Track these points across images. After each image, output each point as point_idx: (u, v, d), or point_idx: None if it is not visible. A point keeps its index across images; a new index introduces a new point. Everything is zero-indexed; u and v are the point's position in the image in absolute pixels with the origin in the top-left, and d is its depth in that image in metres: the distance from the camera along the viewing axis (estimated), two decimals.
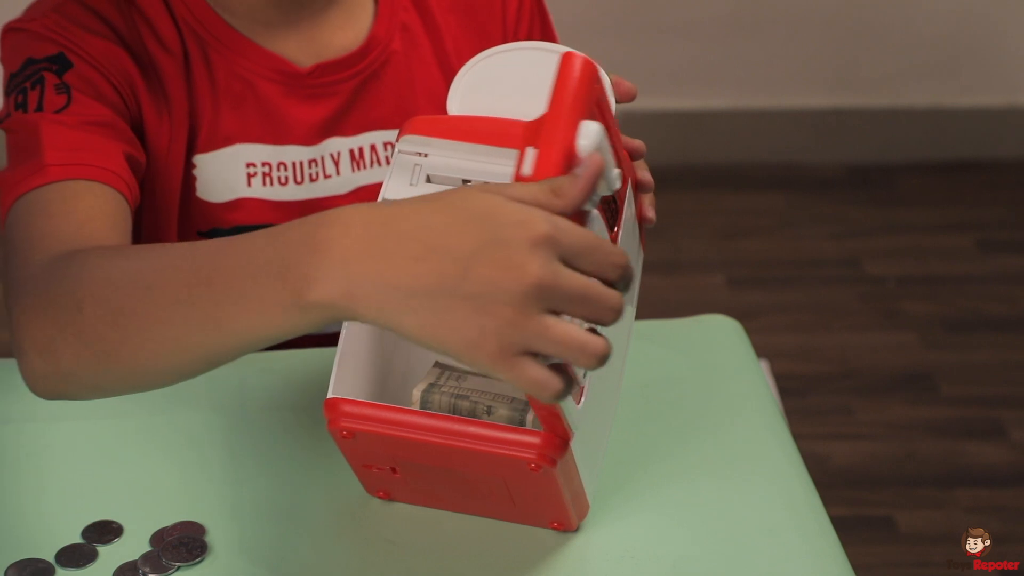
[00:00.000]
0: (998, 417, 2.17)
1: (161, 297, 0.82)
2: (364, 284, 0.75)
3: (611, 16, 2.64)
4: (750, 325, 1.21)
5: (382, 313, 0.75)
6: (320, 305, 0.76)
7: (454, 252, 0.75)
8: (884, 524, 1.99)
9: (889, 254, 2.54)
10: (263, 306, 0.78)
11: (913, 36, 2.70)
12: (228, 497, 0.98)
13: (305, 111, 1.13)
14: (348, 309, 0.76)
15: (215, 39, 1.11)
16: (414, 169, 0.95)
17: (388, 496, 0.97)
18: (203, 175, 1.12)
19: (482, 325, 0.74)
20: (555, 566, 0.94)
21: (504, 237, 0.74)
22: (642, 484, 0.99)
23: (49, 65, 1.06)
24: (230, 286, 0.79)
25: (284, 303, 0.77)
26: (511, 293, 0.74)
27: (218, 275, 0.80)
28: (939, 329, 2.36)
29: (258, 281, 0.78)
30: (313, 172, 1.15)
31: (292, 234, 0.78)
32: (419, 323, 0.75)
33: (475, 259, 0.74)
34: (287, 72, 1.13)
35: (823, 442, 2.11)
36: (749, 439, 1.04)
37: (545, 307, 0.74)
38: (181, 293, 0.81)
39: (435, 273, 0.74)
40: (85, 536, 0.95)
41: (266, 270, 0.78)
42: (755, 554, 0.94)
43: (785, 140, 2.74)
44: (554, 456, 0.86)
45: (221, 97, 1.12)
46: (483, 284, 0.74)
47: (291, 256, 0.77)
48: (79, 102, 1.05)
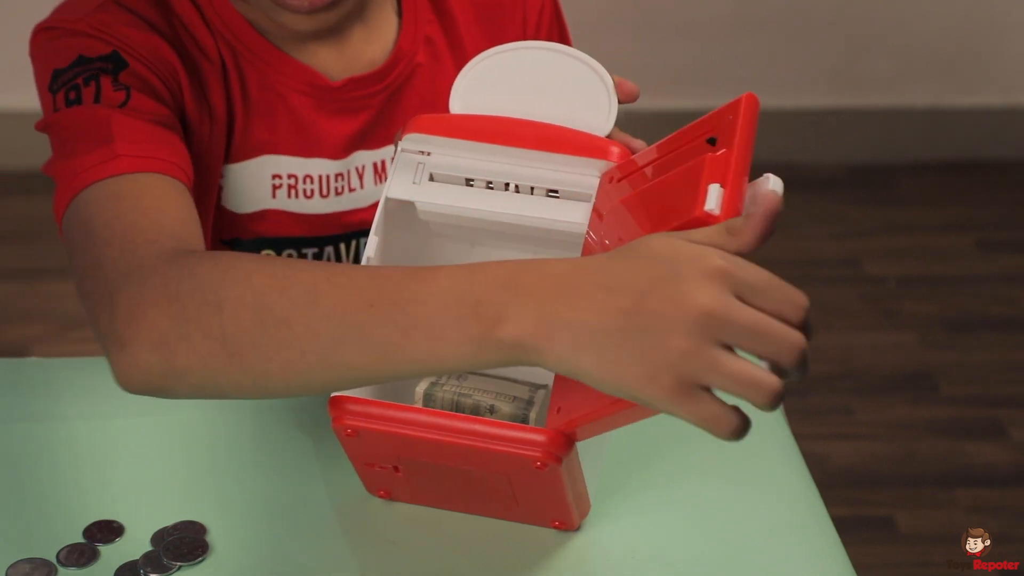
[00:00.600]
0: (998, 417, 2.17)
1: (332, 312, 0.82)
2: (552, 323, 0.77)
3: (613, 16, 2.65)
4: None
5: (564, 353, 0.77)
6: (509, 343, 0.78)
7: (631, 289, 0.76)
8: (884, 524, 1.99)
9: (889, 254, 2.54)
10: (450, 337, 0.79)
11: (913, 36, 2.70)
12: (229, 497, 0.98)
13: (335, 125, 1.13)
14: (533, 349, 0.78)
15: (248, 50, 1.11)
16: (417, 167, 0.95)
17: (389, 495, 0.97)
18: (229, 184, 1.12)
19: (655, 359, 0.75)
20: (557, 566, 0.94)
21: (679, 272, 0.75)
22: (643, 484, 0.99)
23: (104, 64, 1.04)
24: (415, 315, 0.80)
25: (474, 337, 0.79)
26: (680, 323, 0.74)
27: (402, 300, 0.81)
28: (939, 329, 2.36)
29: (450, 311, 0.79)
30: (339, 186, 1.15)
31: (491, 273, 0.80)
32: (598, 360, 0.76)
33: (650, 294, 0.75)
34: (319, 85, 1.12)
35: (823, 442, 2.12)
36: (749, 439, 1.03)
37: (717, 339, 0.74)
38: (359, 314, 0.81)
39: (613, 310, 0.76)
40: (86, 535, 0.95)
41: (460, 302, 0.79)
42: (756, 554, 0.95)
43: (785, 140, 2.74)
44: (560, 454, 0.86)
45: (252, 108, 1.11)
46: (655, 318, 0.75)
47: (489, 294, 0.79)
48: (138, 99, 1.03)
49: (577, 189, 0.94)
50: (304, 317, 0.82)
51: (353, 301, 0.81)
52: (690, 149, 0.86)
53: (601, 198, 0.92)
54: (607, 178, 0.93)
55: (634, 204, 0.88)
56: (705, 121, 0.87)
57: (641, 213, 0.87)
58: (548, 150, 0.94)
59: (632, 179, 0.91)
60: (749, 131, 0.83)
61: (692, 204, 0.81)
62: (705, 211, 0.80)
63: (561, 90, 0.96)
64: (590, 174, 0.94)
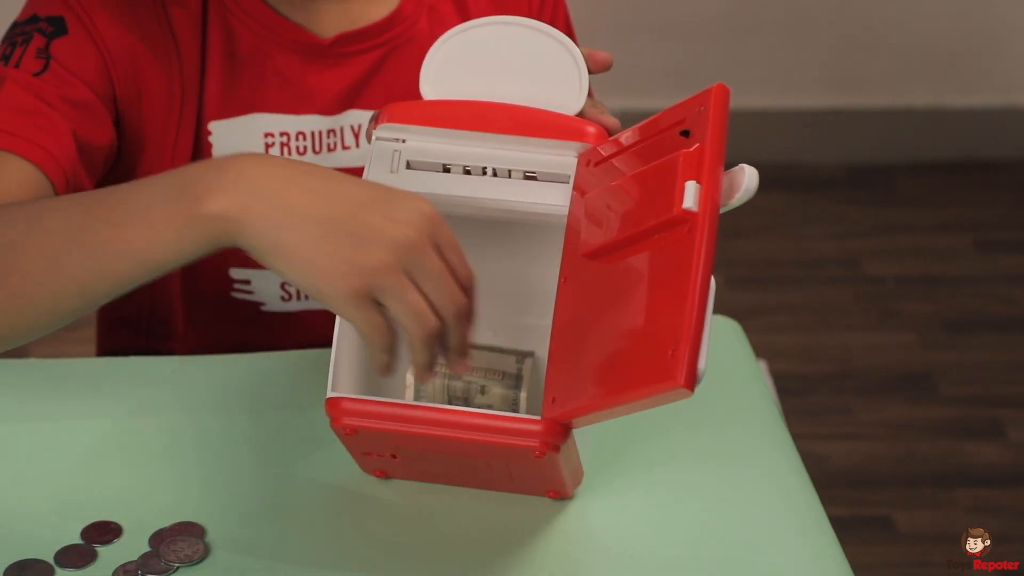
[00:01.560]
0: (997, 417, 2.17)
1: (52, 224, 0.87)
2: (261, 200, 0.83)
3: (609, 15, 2.65)
4: (749, 325, 1.21)
5: (267, 229, 0.82)
6: (213, 216, 0.83)
7: (350, 197, 0.84)
8: (883, 524, 1.99)
9: (888, 254, 2.54)
10: (159, 220, 0.84)
11: (912, 36, 2.70)
12: (227, 498, 0.98)
13: (325, 80, 1.13)
14: (239, 222, 0.83)
15: (239, 7, 1.11)
16: (393, 156, 0.95)
17: (384, 475, 0.98)
18: (219, 143, 1.12)
19: (353, 261, 0.82)
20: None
21: (398, 200, 0.84)
22: (640, 485, 0.99)
23: (46, 27, 1.06)
24: (126, 207, 0.85)
25: (181, 214, 0.83)
26: (388, 239, 0.82)
27: (116, 200, 0.86)
28: (938, 329, 2.36)
29: (156, 199, 0.84)
30: (331, 142, 1.15)
31: (201, 162, 0.86)
32: (298, 244, 0.82)
33: (366, 206, 0.83)
34: (308, 43, 1.13)
35: (822, 442, 2.12)
36: (748, 439, 1.04)
37: (407, 269, 0.83)
38: (75, 220, 0.86)
39: (328, 206, 0.83)
40: (84, 536, 0.95)
41: (170, 187, 0.84)
42: (754, 554, 0.95)
43: (784, 140, 2.74)
44: (557, 443, 0.87)
45: (240, 65, 1.12)
46: (365, 227, 0.82)
47: (195, 174, 0.84)
48: (54, 73, 1.05)
49: (555, 171, 0.95)
50: (29, 238, 0.87)
51: (74, 212, 0.87)
52: (665, 139, 0.87)
53: (580, 179, 0.93)
54: (584, 159, 0.94)
55: (615, 195, 0.89)
56: (677, 109, 0.88)
57: (623, 205, 0.88)
58: (524, 134, 0.94)
59: (611, 164, 0.91)
60: (721, 123, 0.85)
61: (670, 202, 0.83)
62: (684, 209, 0.82)
63: (531, 66, 0.97)
64: (567, 155, 0.95)
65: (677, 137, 0.86)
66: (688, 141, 0.85)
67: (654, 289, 0.84)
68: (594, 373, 0.86)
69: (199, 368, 1.10)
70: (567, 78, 0.96)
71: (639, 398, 0.81)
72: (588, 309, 0.88)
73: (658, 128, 0.89)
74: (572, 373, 0.87)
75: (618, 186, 0.89)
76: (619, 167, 0.91)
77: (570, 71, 0.96)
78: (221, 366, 1.10)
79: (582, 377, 0.86)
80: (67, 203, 0.89)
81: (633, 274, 0.86)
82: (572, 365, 0.87)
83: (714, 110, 0.84)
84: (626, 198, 0.88)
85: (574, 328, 0.89)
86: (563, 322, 0.90)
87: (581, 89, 0.96)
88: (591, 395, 0.85)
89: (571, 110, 0.96)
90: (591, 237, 0.90)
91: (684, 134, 0.86)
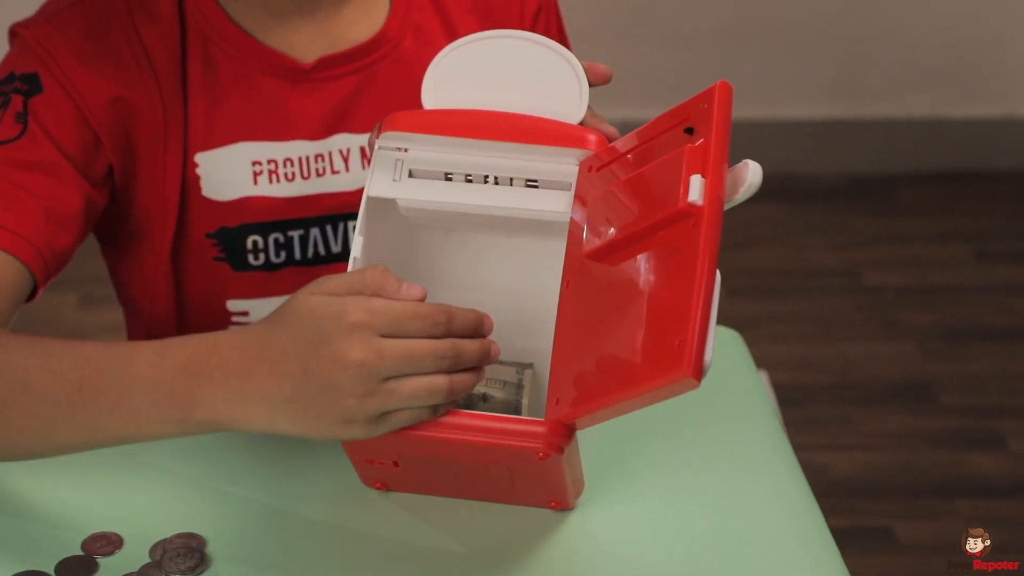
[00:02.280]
0: (997, 427, 2.17)
1: (41, 391, 0.91)
2: (239, 402, 0.87)
3: (610, 25, 2.65)
4: (749, 335, 1.21)
5: (260, 423, 0.88)
6: (207, 422, 0.89)
7: (294, 357, 0.86)
8: (883, 534, 1.98)
9: (888, 264, 2.54)
10: (150, 420, 0.90)
11: (912, 46, 2.70)
12: (228, 508, 0.98)
13: (308, 104, 1.13)
14: (232, 423, 0.88)
15: (219, 36, 1.11)
16: (396, 165, 0.96)
17: (385, 487, 0.98)
18: (207, 174, 1.12)
19: (338, 413, 0.86)
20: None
21: (326, 334, 0.85)
22: (642, 496, 0.99)
23: (21, 85, 1.07)
24: (119, 400, 0.90)
25: (174, 418, 0.89)
26: (344, 380, 0.85)
27: (105, 385, 0.91)
28: (938, 339, 2.36)
29: (147, 397, 0.89)
30: (320, 167, 1.14)
31: (176, 358, 0.89)
32: (292, 424, 0.87)
33: (310, 359, 0.85)
34: (290, 67, 1.12)
35: (822, 452, 2.11)
36: (749, 449, 1.04)
37: (382, 378, 0.85)
38: (68, 397, 0.91)
39: (287, 379, 0.86)
40: (85, 548, 0.95)
41: (156, 389, 0.89)
42: (755, 564, 0.94)
43: (784, 150, 2.74)
44: (561, 444, 0.87)
45: (223, 94, 1.11)
46: (322, 379, 0.85)
47: (179, 381, 0.89)
48: (31, 137, 1.05)
49: (556, 178, 0.95)
50: (19, 400, 0.92)
51: (61, 385, 0.91)
52: (669, 138, 0.88)
53: (582, 185, 0.93)
54: (586, 166, 0.94)
55: (619, 195, 0.89)
56: (680, 109, 0.88)
57: (626, 204, 0.88)
58: (525, 142, 0.94)
59: (613, 167, 0.92)
60: (725, 119, 0.85)
61: (676, 196, 0.83)
62: (689, 202, 0.82)
63: (531, 78, 0.97)
64: (568, 163, 0.95)
65: (681, 135, 0.86)
66: (692, 138, 0.85)
67: (659, 285, 0.84)
68: (598, 371, 0.86)
69: None
70: (568, 89, 0.96)
71: (646, 391, 0.81)
72: (591, 310, 0.88)
73: (660, 128, 0.89)
74: (576, 374, 0.87)
75: (622, 184, 0.89)
76: (621, 170, 0.91)
77: (571, 83, 0.97)
78: None
79: (586, 377, 0.87)
80: (53, 370, 0.92)
81: (637, 272, 0.86)
82: (575, 366, 0.87)
83: (718, 106, 0.85)
84: (630, 196, 0.88)
85: (577, 330, 0.89)
86: (566, 325, 0.90)
87: (582, 100, 0.96)
88: (596, 393, 0.85)
89: (572, 120, 0.96)
90: (594, 238, 0.90)
91: (688, 131, 0.86)
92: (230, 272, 1.14)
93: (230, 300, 1.16)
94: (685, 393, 0.80)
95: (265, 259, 1.14)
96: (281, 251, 1.14)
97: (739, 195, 0.84)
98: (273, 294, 1.15)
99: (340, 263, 1.15)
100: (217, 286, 1.15)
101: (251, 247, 1.13)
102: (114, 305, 1.24)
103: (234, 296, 1.15)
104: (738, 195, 0.84)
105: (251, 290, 1.15)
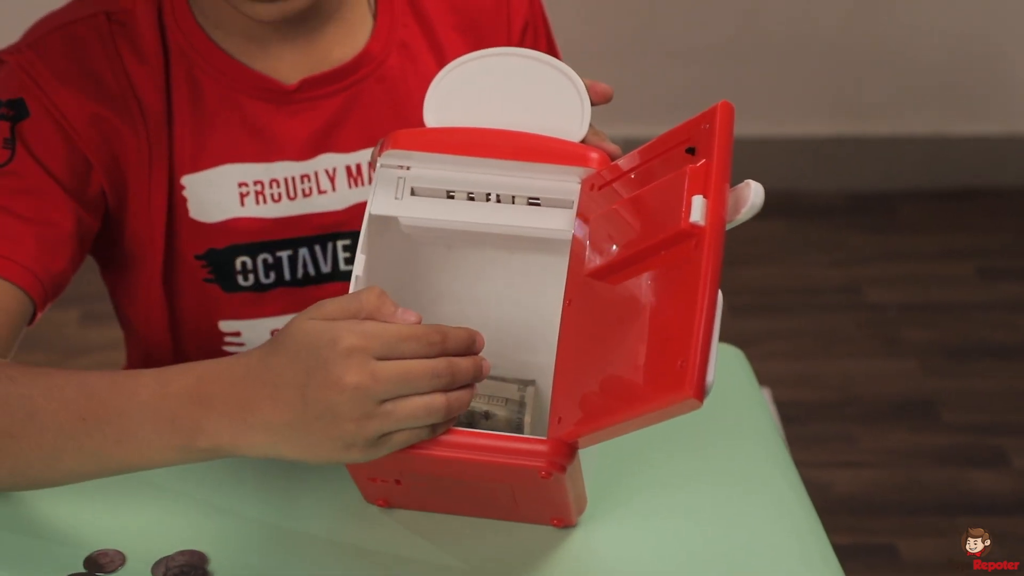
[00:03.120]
0: (1000, 444, 2.17)
1: (47, 422, 0.92)
2: (242, 429, 0.88)
3: (612, 42, 2.65)
4: (750, 352, 1.21)
5: (264, 449, 0.88)
6: (211, 449, 0.89)
7: (292, 383, 0.86)
8: (886, 552, 1.98)
9: (890, 281, 2.54)
10: (154, 448, 0.90)
11: (914, 64, 2.71)
12: (230, 525, 0.98)
13: (293, 126, 1.13)
14: (235, 450, 0.89)
15: (202, 59, 1.11)
16: (398, 183, 0.96)
17: (387, 504, 0.98)
18: (194, 196, 1.12)
19: (338, 438, 0.86)
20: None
21: (322, 359, 0.86)
22: (645, 513, 0.99)
23: (7, 112, 1.07)
24: (123, 429, 0.90)
25: (178, 446, 0.90)
26: (341, 404, 0.85)
27: (109, 415, 0.91)
28: (940, 356, 2.36)
29: (151, 426, 0.90)
30: (306, 187, 1.14)
31: (178, 386, 0.90)
32: (294, 449, 0.87)
33: (307, 385, 0.86)
34: (273, 89, 1.12)
35: (825, 470, 2.11)
36: (751, 466, 1.04)
37: (379, 400, 0.85)
38: (73, 427, 0.92)
39: (286, 406, 0.86)
40: (87, 565, 0.95)
41: (159, 417, 0.90)
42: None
43: (786, 167, 2.74)
44: (563, 463, 0.87)
45: (208, 116, 1.12)
46: (320, 405, 0.85)
47: (182, 410, 0.89)
48: (21, 160, 1.06)
49: (558, 196, 0.95)
50: (25, 431, 0.92)
51: (67, 415, 0.92)
52: (670, 158, 0.87)
53: (584, 203, 0.93)
54: (588, 184, 0.94)
55: (621, 214, 0.89)
56: (682, 129, 0.89)
57: (628, 223, 0.88)
58: (528, 160, 0.94)
59: (615, 186, 0.92)
60: (726, 139, 0.85)
61: (678, 216, 0.83)
62: (691, 223, 0.82)
63: (533, 96, 0.97)
64: (570, 181, 0.95)
65: (683, 155, 0.86)
66: (694, 158, 0.85)
67: (661, 305, 0.84)
68: (601, 391, 0.86)
69: None
70: (570, 107, 0.96)
71: (648, 412, 0.81)
72: (593, 329, 0.88)
73: (662, 148, 0.89)
74: (578, 393, 0.87)
75: (623, 204, 0.89)
76: (623, 189, 0.91)
77: (572, 100, 0.97)
78: None
79: (588, 396, 0.86)
80: (58, 400, 0.92)
81: (639, 292, 0.86)
82: (578, 385, 0.87)
83: (720, 126, 0.85)
84: (632, 215, 0.88)
85: (579, 349, 0.89)
86: (568, 343, 0.90)
87: (583, 118, 0.96)
88: (598, 412, 0.85)
89: (574, 138, 0.96)
90: (596, 257, 0.90)
91: (690, 151, 0.86)
92: (220, 293, 1.14)
93: (222, 321, 1.16)
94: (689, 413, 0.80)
95: (255, 280, 1.14)
96: (270, 272, 1.14)
97: (741, 215, 0.84)
98: (264, 315, 1.15)
99: (330, 283, 1.15)
100: (209, 307, 1.15)
101: (240, 268, 1.14)
102: (116, 322, 1.24)
103: (226, 317, 1.15)
104: (740, 215, 0.84)
105: (242, 311, 1.15)
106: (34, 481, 0.96)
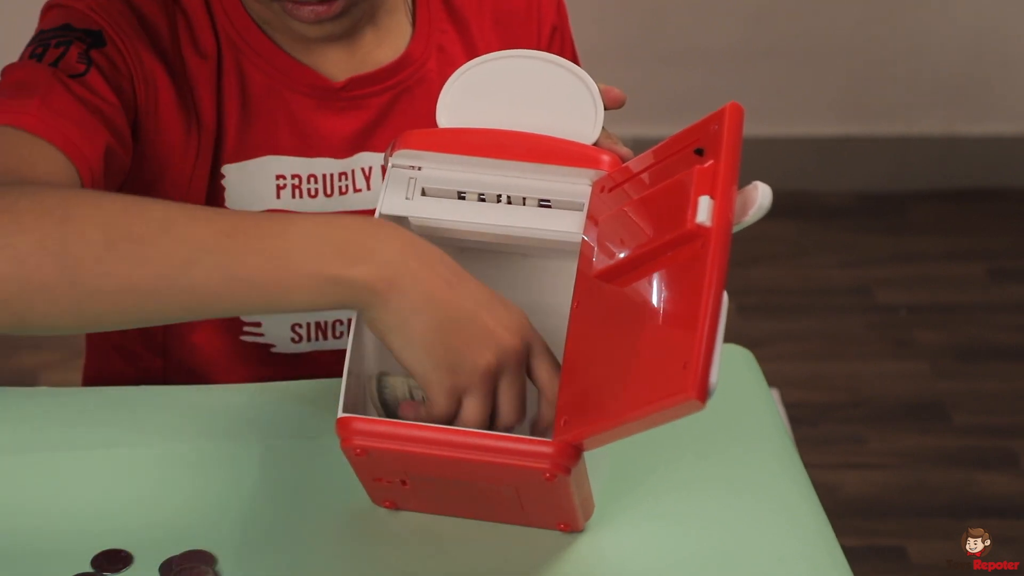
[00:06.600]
0: (1010, 446, 2.17)
1: (186, 237, 0.84)
2: (406, 280, 0.85)
3: (621, 43, 2.65)
4: (760, 353, 1.20)
5: (402, 309, 0.85)
6: (360, 283, 0.84)
7: (473, 296, 0.87)
8: (896, 554, 1.98)
9: (900, 282, 2.53)
10: (301, 271, 0.84)
11: (924, 64, 2.70)
12: (238, 526, 0.98)
13: (337, 124, 1.14)
14: (382, 296, 0.84)
15: (252, 50, 1.12)
16: (409, 183, 0.96)
17: (394, 506, 0.98)
18: (232, 185, 1.13)
19: (465, 357, 0.86)
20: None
21: (505, 305, 0.88)
22: (653, 516, 0.99)
23: (84, 36, 1.06)
24: (274, 242, 0.84)
25: (327, 274, 0.84)
26: (499, 344, 0.86)
27: (261, 231, 0.85)
28: (950, 358, 2.36)
29: (313, 247, 0.84)
30: (343, 185, 1.15)
31: (353, 221, 0.86)
32: (423, 329, 0.85)
33: (484, 307, 0.86)
34: (320, 86, 1.13)
35: (834, 471, 2.11)
36: (760, 468, 1.04)
37: (500, 375, 0.87)
38: (213, 239, 0.84)
39: (458, 300, 0.86)
40: (95, 565, 0.95)
41: (326, 241, 0.84)
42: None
43: (795, 168, 2.74)
44: (568, 465, 0.87)
45: (253, 108, 1.13)
46: (483, 329, 0.86)
47: (352, 235, 0.85)
48: (94, 78, 1.05)
49: (569, 198, 0.95)
50: (158, 239, 0.84)
51: (208, 230, 0.85)
52: (680, 160, 0.87)
53: (594, 206, 0.93)
54: (599, 187, 0.94)
55: (629, 215, 0.89)
56: (691, 131, 0.88)
57: (636, 224, 0.88)
58: (539, 161, 0.94)
59: (625, 188, 0.92)
60: (735, 140, 0.85)
61: (684, 217, 0.83)
62: (697, 223, 0.82)
63: (547, 99, 0.97)
64: (582, 183, 0.95)
65: (691, 156, 0.86)
66: (702, 159, 0.85)
67: (666, 306, 0.84)
68: (605, 393, 0.86)
69: (211, 397, 1.10)
70: (583, 109, 0.96)
71: (650, 413, 0.81)
72: (600, 331, 0.88)
73: (673, 150, 0.89)
74: (583, 395, 0.87)
75: (632, 206, 0.90)
76: (633, 190, 0.91)
77: (586, 103, 0.97)
78: (232, 395, 1.10)
79: (593, 398, 0.86)
80: (197, 216, 0.86)
81: (645, 293, 0.86)
82: (583, 387, 0.87)
83: (728, 128, 0.85)
84: (640, 217, 0.88)
85: (585, 351, 0.89)
86: (575, 345, 0.90)
87: (597, 121, 0.96)
88: (603, 414, 0.85)
89: (587, 141, 0.96)
90: (604, 259, 0.90)
91: (698, 153, 0.86)
92: None
93: None
94: (693, 414, 0.80)
95: None
96: None
97: (748, 217, 0.84)
98: None
99: None
100: None
101: None
102: None
103: None
104: (747, 217, 0.84)
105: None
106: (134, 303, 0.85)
